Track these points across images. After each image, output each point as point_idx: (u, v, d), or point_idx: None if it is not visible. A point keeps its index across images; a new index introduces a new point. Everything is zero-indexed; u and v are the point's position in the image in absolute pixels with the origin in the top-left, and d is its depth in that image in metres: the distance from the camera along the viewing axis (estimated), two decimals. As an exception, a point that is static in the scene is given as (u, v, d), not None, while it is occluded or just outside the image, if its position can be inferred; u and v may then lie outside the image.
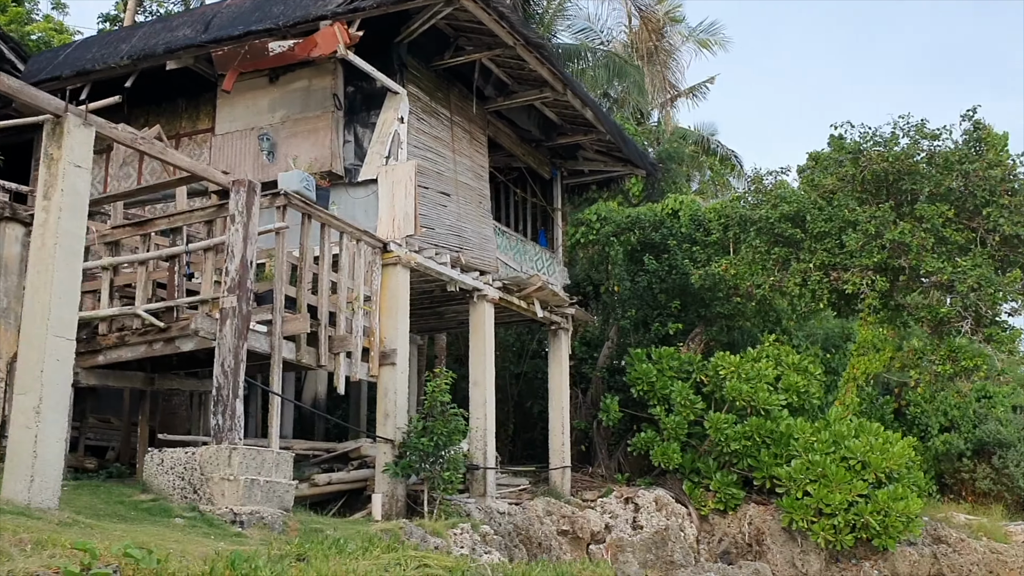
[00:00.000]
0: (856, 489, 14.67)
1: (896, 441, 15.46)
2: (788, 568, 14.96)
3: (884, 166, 16.41)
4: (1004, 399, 24.12)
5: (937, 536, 17.40)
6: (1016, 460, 22.07)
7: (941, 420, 24.05)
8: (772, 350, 17.76)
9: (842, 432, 15.44)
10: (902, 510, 14.59)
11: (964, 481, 23.00)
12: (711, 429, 15.93)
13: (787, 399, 16.75)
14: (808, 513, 14.84)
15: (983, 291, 15.17)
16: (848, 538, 14.73)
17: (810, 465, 14.99)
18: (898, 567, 15.07)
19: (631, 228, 19.56)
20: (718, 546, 15.82)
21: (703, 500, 16.15)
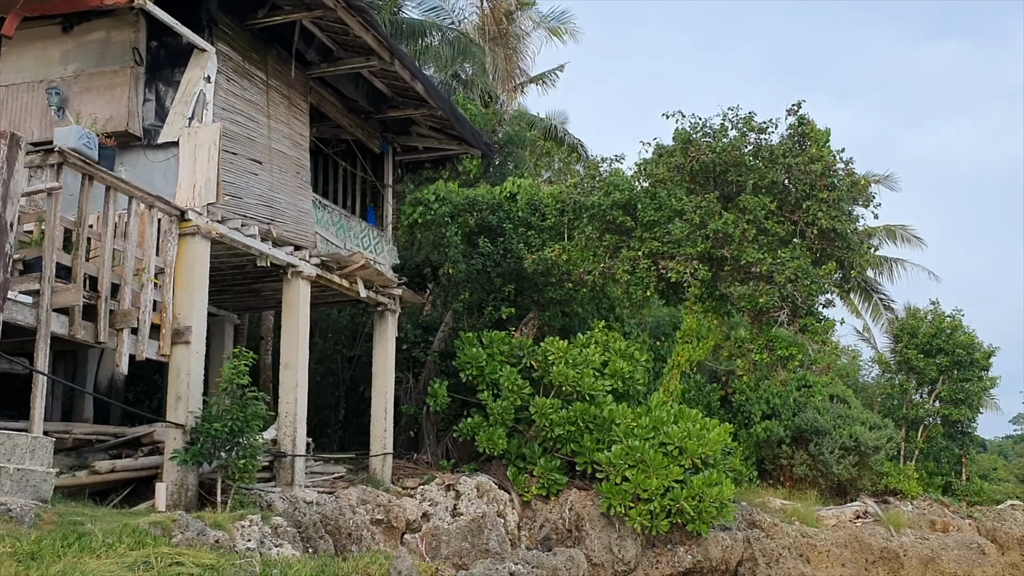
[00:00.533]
0: (672, 475, 14.78)
1: (713, 427, 15.70)
2: (605, 554, 14.94)
3: (712, 157, 16.62)
4: (822, 388, 25.18)
5: (752, 521, 17.87)
6: (831, 447, 23.05)
7: (763, 408, 24.88)
8: (601, 336, 17.75)
9: (662, 418, 15.55)
10: (716, 495, 14.81)
11: (783, 467, 23.88)
12: (536, 414, 15.74)
13: (612, 385, 16.76)
14: (626, 498, 14.86)
15: (800, 282, 15.59)
16: (664, 523, 14.84)
17: (630, 450, 15.01)
18: (711, 552, 15.31)
19: (469, 210, 19.14)
20: (539, 532, 15.66)
21: (527, 486, 15.96)
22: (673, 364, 18.97)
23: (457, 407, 17.40)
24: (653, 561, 15.16)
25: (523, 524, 15.77)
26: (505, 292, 18.34)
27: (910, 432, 28.93)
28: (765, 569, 16.61)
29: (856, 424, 23.81)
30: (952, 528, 23.70)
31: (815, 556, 18.11)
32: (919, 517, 23.98)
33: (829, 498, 23.81)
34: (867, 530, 19.87)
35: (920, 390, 29.40)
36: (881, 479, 25.51)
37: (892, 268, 35.06)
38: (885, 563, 18.55)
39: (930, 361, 28.64)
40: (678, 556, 15.18)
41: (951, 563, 18.89)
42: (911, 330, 29.33)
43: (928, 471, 29.19)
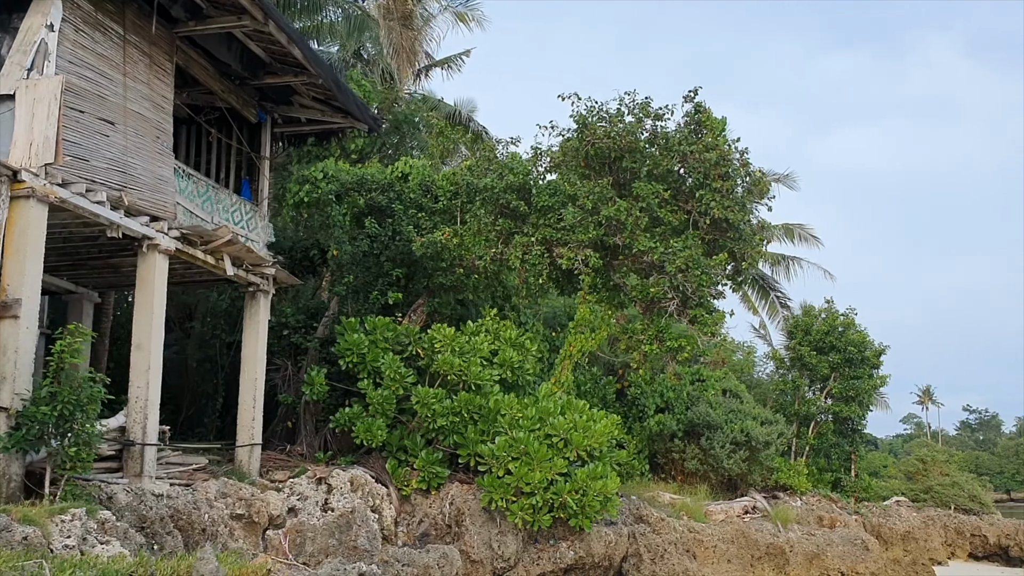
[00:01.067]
0: (556, 467, 14.26)
1: (600, 419, 15.24)
2: (485, 550, 14.32)
3: (607, 143, 16.13)
4: (716, 383, 25.15)
5: (639, 516, 17.52)
6: (721, 442, 22.98)
7: (657, 402, 24.72)
8: (492, 325, 17.13)
9: (549, 409, 15.01)
10: (600, 489, 14.34)
11: (675, 461, 23.73)
12: (418, 404, 15.01)
13: (501, 375, 16.18)
14: (508, 492, 14.26)
15: (691, 273, 15.22)
16: (546, 518, 14.31)
17: (514, 442, 14.43)
18: (593, 548, 14.85)
19: (357, 189, 18.24)
20: (418, 528, 14.95)
21: (407, 480, 15.22)
22: (565, 354, 18.47)
23: (339, 397, 16.52)
24: (534, 557, 14.61)
25: (401, 520, 15.03)
26: (393, 277, 17.53)
27: (801, 428, 29.24)
28: (650, 565, 16.26)
29: (748, 419, 23.83)
30: (839, 524, 23.94)
31: (701, 552, 17.89)
32: (807, 513, 24.18)
33: (720, 493, 23.79)
34: (755, 525, 19.80)
35: (812, 387, 29.74)
36: (771, 474, 25.64)
37: (789, 266, 35.50)
38: (771, 559, 18.46)
39: (822, 358, 28.98)
40: (560, 552, 14.67)
41: (835, 559, 18.93)
42: (805, 327, 29.64)
43: (818, 467, 29.59)
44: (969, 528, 28.07)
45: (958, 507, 29.51)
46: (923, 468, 32.05)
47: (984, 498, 30.34)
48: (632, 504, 18.00)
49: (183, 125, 15.43)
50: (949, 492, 29.93)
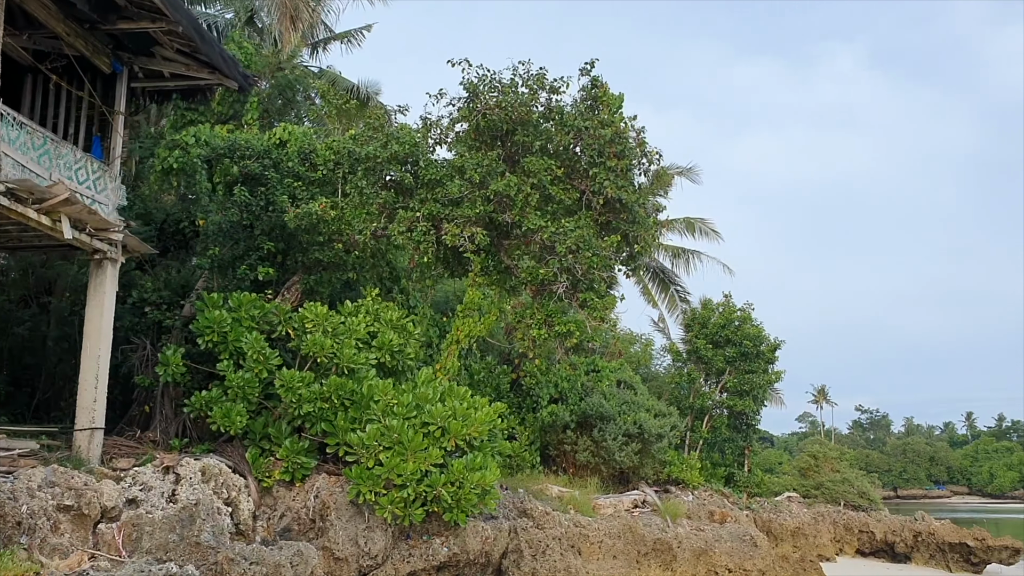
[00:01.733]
0: (431, 458, 13.25)
1: (482, 406, 14.29)
2: (350, 546, 13.23)
3: (499, 113, 15.19)
4: (611, 374, 24.54)
5: (523, 510, 16.68)
6: (614, 433, 22.36)
7: (551, 392, 23.97)
8: (372, 305, 16.01)
9: (426, 395, 13.99)
10: (477, 481, 13.40)
11: (567, 453, 23.02)
12: (281, 388, 13.80)
13: (380, 358, 15.10)
14: (377, 484, 13.19)
15: (581, 254, 14.42)
16: (418, 512, 13.30)
17: (386, 431, 13.37)
18: (469, 544, 13.91)
19: (230, 155, 16.86)
20: (279, 522, 13.75)
21: (268, 470, 14.00)
22: (451, 339, 17.49)
23: (202, 380, 15.16)
24: (405, 554, 13.59)
25: (261, 514, 13.80)
26: (265, 251, 16.21)
27: (696, 422, 28.97)
28: (531, 561, 15.42)
29: (641, 411, 23.29)
30: (730, 519, 23.61)
31: (587, 547, 17.15)
32: (699, 508, 23.79)
33: (611, 486, 23.20)
34: (643, 520, 19.20)
35: (708, 380, 29.50)
36: (664, 468, 25.22)
37: (689, 260, 35.30)
38: (658, 555, 17.87)
39: (718, 352, 28.75)
40: (433, 548, 13.68)
41: (723, 555, 18.47)
42: (702, 320, 29.38)
43: (712, 462, 29.40)
44: (857, 524, 28.24)
45: (848, 503, 29.72)
46: (815, 464, 32.25)
47: (873, 495, 30.67)
48: (516, 498, 17.15)
49: (26, 73, 13.86)
50: (839, 488, 30.13)
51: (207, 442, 14.45)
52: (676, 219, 36.06)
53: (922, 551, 27.13)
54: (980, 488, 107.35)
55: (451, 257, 16.94)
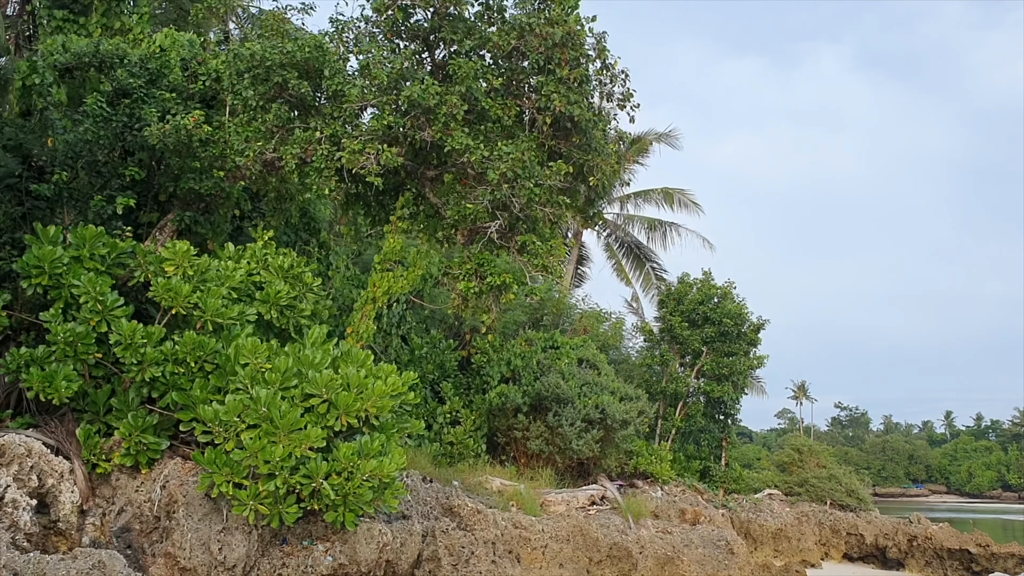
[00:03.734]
0: (310, 439, 10.06)
1: (387, 374, 11.10)
2: (200, 553, 10.02)
3: (423, 5, 11.98)
4: (571, 351, 21.40)
5: (448, 507, 13.56)
6: (571, 418, 19.25)
7: (503, 370, 20.82)
8: (261, 250, 12.81)
9: (311, 360, 10.78)
10: (372, 471, 10.22)
11: (517, 440, 19.88)
12: (120, 346, 10.57)
13: (265, 314, 11.92)
14: (237, 473, 9.99)
15: (519, 184, 11.28)
16: (291, 510, 10.12)
17: (250, 403, 10.17)
18: (360, 551, 10.71)
19: (96, 64, 13.59)
20: (117, 519, 10.53)
21: (108, 452, 10.79)
22: (366, 298, 14.26)
23: (37, 336, 11.90)
24: (276, 565, 10.40)
25: (93, 507, 10.58)
26: (127, 178, 12.92)
27: (668, 409, 25.91)
28: (450, 573, 12.28)
29: (605, 394, 20.16)
30: (703, 520, 20.57)
31: (528, 553, 14.04)
32: (668, 505, 20.73)
33: (569, 479, 20.08)
34: (599, 520, 16.11)
35: (683, 363, 26.44)
36: (630, 459, 22.14)
37: (667, 233, 32.24)
38: (614, 563, 14.77)
39: (695, 331, 25.70)
40: (313, 558, 10.49)
41: (693, 564, 15.39)
42: (678, 296, 26.30)
43: (686, 454, 26.36)
44: (845, 526, 25.26)
45: (834, 502, 26.75)
46: (799, 459, 29.22)
47: (862, 493, 27.68)
48: (442, 492, 14.03)
49: None
50: (825, 486, 27.12)
51: (35, 414, 11.18)
52: (653, 189, 33.01)
53: (917, 557, 24.18)
54: (958, 487, 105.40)
55: (368, 195, 13.78)
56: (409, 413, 18.52)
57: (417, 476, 14.29)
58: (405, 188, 13.81)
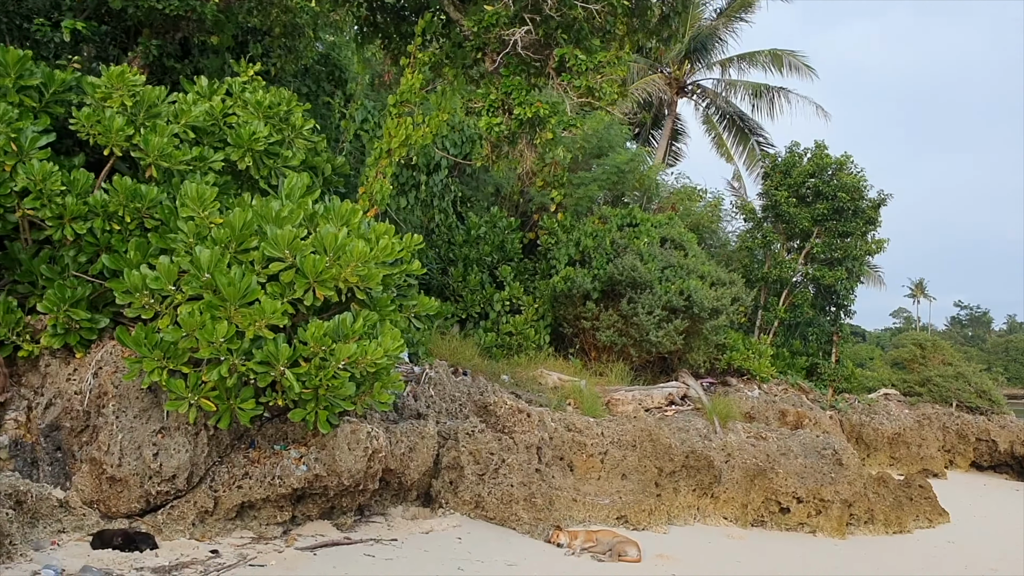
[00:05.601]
0: (267, 316, 7.55)
1: (379, 234, 8.46)
2: (132, 460, 7.78)
3: None
4: (653, 229, 18.38)
5: (483, 404, 11.05)
6: (649, 306, 16.41)
7: (571, 252, 18.03)
8: (240, 85, 10.23)
9: (276, 213, 8.21)
10: (353, 357, 7.69)
11: (585, 331, 17.20)
12: (31, 196, 8.22)
13: (237, 160, 9.42)
14: (176, 358, 7.63)
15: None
16: (248, 407, 7.75)
17: (191, 268, 7.71)
18: (341, 460, 8.28)
19: None
20: (44, 415, 8.39)
21: (34, 332, 8.62)
22: (380, 151, 11.54)
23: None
24: (234, 476, 8.11)
25: (15, 399, 8.47)
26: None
27: (770, 298, 22.70)
28: (475, 484, 9.84)
29: (692, 278, 17.19)
30: (807, 422, 17.68)
31: (582, 461, 11.48)
32: (765, 406, 17.86)
33: (648, 377, 17.39)
34: (676, 423, 13.40)
35: (789, 245, 23.07)
36: (722, 354, 19.24)
37: (774, 100, 28.28)
38: (690, 474, 12.08)
39: (804, 208, 22.21)
40: (282, 467, 8.15)
41: (791, 478, 12.55)
42: (785, 167, 22.73)
43: (790, 349, 23.23)
44: (974, 431, 21.85)
45: (961, 404, 23.26)
46: (920, 355, 25.64)
47: (995, 394, 24.02)
48: (473, 388, 11.54)
49: None
50: (951, 385, 23.59)
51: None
52: (760, 51, 28.91)
53: (1061, 468, 20.74)
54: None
55: (386, 24, 11.00)
56: (429, 290, 16.05)
57: (444, 367, 11.82)
58: (426, 9, 10.95)
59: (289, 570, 7.14)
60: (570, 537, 9.38)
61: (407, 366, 11.45)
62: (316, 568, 7.29)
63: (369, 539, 8.37)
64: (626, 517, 10.98)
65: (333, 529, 8.48)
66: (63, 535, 7.46)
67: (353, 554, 7.77)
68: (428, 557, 8.05)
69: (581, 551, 9.22)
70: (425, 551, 8.23)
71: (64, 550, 7.13)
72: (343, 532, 8.50)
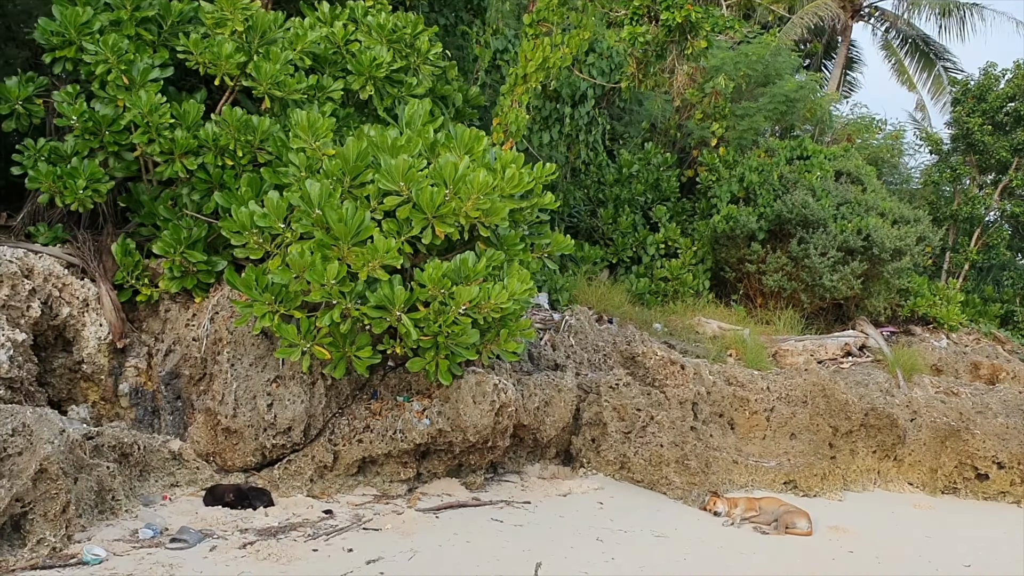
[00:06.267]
0: (379, 255, 6.79)
1: (505, 164, 7.51)
2: (248, 411, 7.27)
3: None
4: (827, 162, 16.57)
5: (631, 355, 10.01)
6: (823, 246, 14.79)
7: (734, 189, 16.52)
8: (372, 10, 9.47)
9: (393, 143, 7.39)
10: (475, 300, 6.84)
11: (749, 275, 15.74)
12: (139, 130, 7.74)
13: (357, 88, 8.70)
14: (288, 302, 7.02)
15: None
16: (364, 355, 7.06)
17: (304, 205, 7.03)
18: (465, 414, 7.47)
19: None
20: (164, 362, 8.03)
21: (149, 275, 8.25)
22: (516, 77, 10.53)
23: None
24: (355, 429, 7.48)
25: (135, 345, 8.15)
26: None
27: (961, 238, 20.31)
28: (620, 442, 8.86)
29: (871, 215, 15.38)
30: (1005, 376, 15.59)
31: (745, 419, 10.28)
32: (955, 358, 15.86)
33: (820, 325, 15.78)
34: (853, 376, 11.89)
35: (981, 180, 20.52)
36: (905, 300, 17.27)
37: (965, 18, 25.22)
38: (870, 434, 10.64)
39: (1001, 137, 19.61)
40: (404, 421, 7.44)
41: (989, 439, 10.86)
42: (979, 92, 20.13)
43: (983, 295, 20.78)
44: None
45: None
46: None
47: None
48: (619, 337, 10.50)
49: None
50: None
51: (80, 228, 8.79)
52: (948, -38, 25.81)
53: None
54: None
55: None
56: (577, 232, 14.97)
57: (586, 314, 10.82)
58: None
59: (406, 535, 6.43)
60: (729, 505, 8.27)
61: (546, 312, 10.55)
62: (436, 534, 6.55)
63: (500, 501, 7.58)
64: (795, 482, 9.74)
65: (462, 488, 7.74)
66: (176, 489, 7.06)
67: (479, 518, 6.99)
68: (563, 524, 7.17)
69: (741, 521, 8.10)
70: (560, 516, 7.35)
71: (174, 505, 6.71)
72: (472, 492, 7.75)
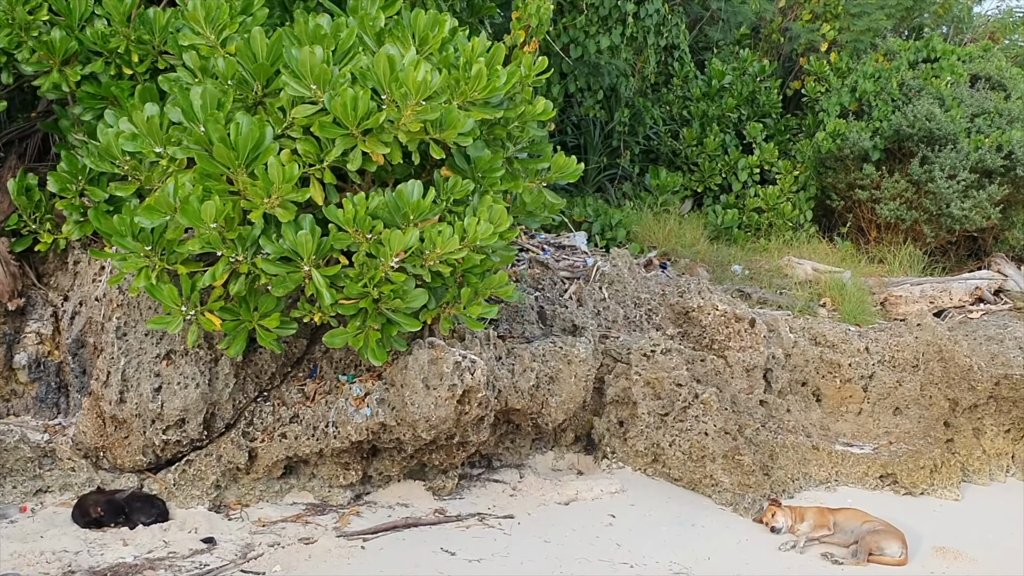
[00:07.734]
0: (279, 186, 4.88)
1: (474, 57, 5.43)
2: (134, 396, 5.58)
3: None
4: (959, 64, 13.59)
5: (683, 310, 7.88)
6: (952, 167, 12.04)
7: (845, 101, 13.81)
8: None
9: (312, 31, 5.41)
10: (412, 248, 4.88)
11: (861, 203, 13.10)
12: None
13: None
14: (172, 256, 5.23)
15: None
16: (272, 324, 5.23)
17: (186, 120, 5.17)
18: (412, 403, 5.51)
19: None
20: (71, 327, 6.47)
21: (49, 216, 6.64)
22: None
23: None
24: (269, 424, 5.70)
25: (38, 306, 6.59)
26: None
27: None
28: (652, 429, 6.78)
29: (1015, 128, 12.44)
30: None
31: (835, 390, 8.02)
32: (1121, 302, 12.91)
33: (947, 264, 13.01)
34: (983, 331, 9.31)
35: None
36: (1058, 232, 14.21)
37: None
38: (1001, 409, 8.18)
39: None
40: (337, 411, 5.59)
41: None
42: None
43: None
44: None
45: None
46: None
47: None
48: (671, 287, 8.34)
49: None
50: None
51: None
52: None
53: None
54: None
55: None
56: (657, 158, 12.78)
57: (627, 258, 8.66)
58: None
59: (302, 579, 4.64)
60: (793, 517, 6.12)
61: (578, 257, 8.46)
62: None
63: (470, 515, 5.70)
64: (894, 476, 7.43)
65: (426, 495, 5.90)
66: (47, 496, 5.49)
67: (422, 547, 5.13)
68: (544, 555, 5.22)
69: (807, 542, 5.96)
70: (545, 542, 5.41)
71: (26, 522, 5.13)
72: (439, 499, 5.90)
